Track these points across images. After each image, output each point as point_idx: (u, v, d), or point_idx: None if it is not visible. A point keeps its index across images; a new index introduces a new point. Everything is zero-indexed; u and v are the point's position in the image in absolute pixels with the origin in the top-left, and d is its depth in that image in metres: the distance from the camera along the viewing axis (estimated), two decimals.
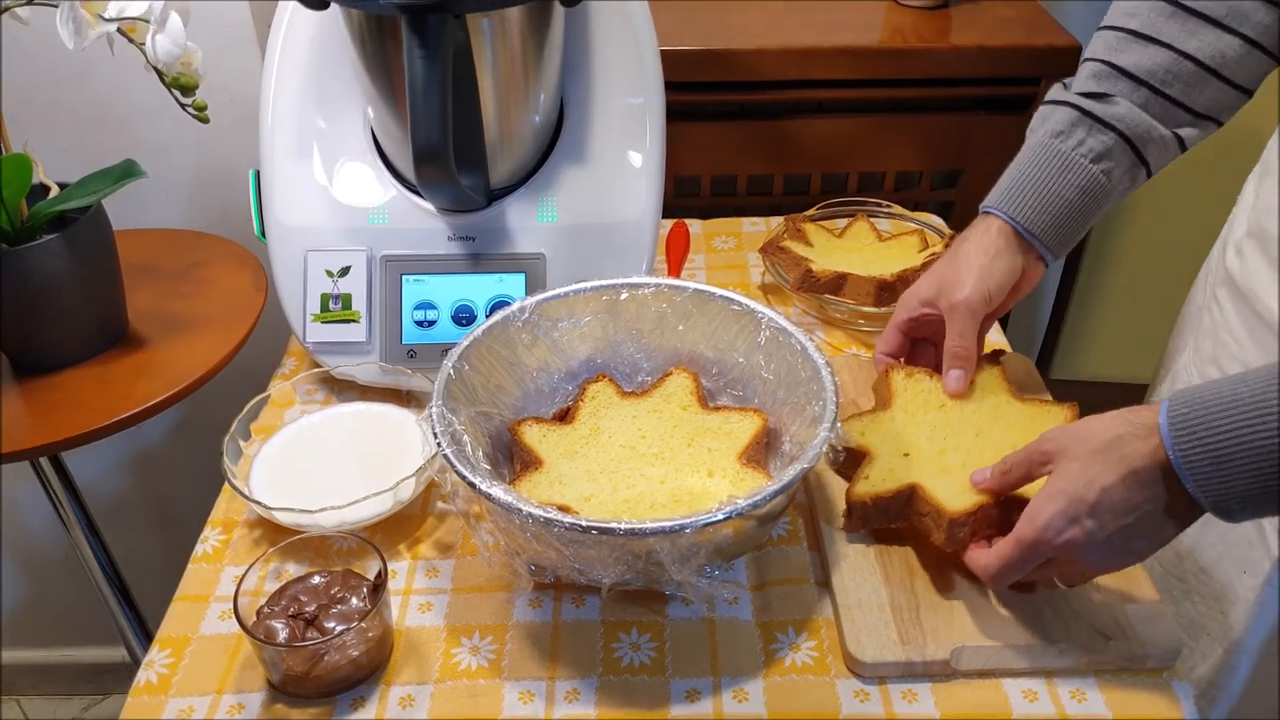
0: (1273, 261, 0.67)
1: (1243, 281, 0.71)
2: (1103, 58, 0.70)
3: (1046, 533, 0.56)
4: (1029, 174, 0.71)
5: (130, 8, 0.75)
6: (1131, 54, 0.68)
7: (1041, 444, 0.60)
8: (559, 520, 0.56)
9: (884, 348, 0.78)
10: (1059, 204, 0.70)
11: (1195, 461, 0.51)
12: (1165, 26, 0.67)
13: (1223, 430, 0.50)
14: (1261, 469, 0.49)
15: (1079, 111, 0.69)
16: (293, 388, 0.82)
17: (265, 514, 0.70)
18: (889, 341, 0.78)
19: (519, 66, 0.75)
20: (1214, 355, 0.74)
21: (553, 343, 0.74)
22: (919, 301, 0.75)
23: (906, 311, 0.76)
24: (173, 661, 0.64)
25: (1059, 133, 0.70)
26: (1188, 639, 0.76)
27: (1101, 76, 0.69)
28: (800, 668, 0.63)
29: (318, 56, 0.82)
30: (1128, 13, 0.70)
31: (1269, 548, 0.70)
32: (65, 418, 0.81)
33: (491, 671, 0.63)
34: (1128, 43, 0.69)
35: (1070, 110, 0.70)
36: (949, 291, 0.72)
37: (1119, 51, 0.69)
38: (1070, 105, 0.70)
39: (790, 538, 0.71)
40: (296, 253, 0.81)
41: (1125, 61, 0.68)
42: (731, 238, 1.07)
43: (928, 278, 0.75)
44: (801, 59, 1.12)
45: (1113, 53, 0.69)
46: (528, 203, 0.82)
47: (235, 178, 1.12)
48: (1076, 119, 0.69)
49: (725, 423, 0.72)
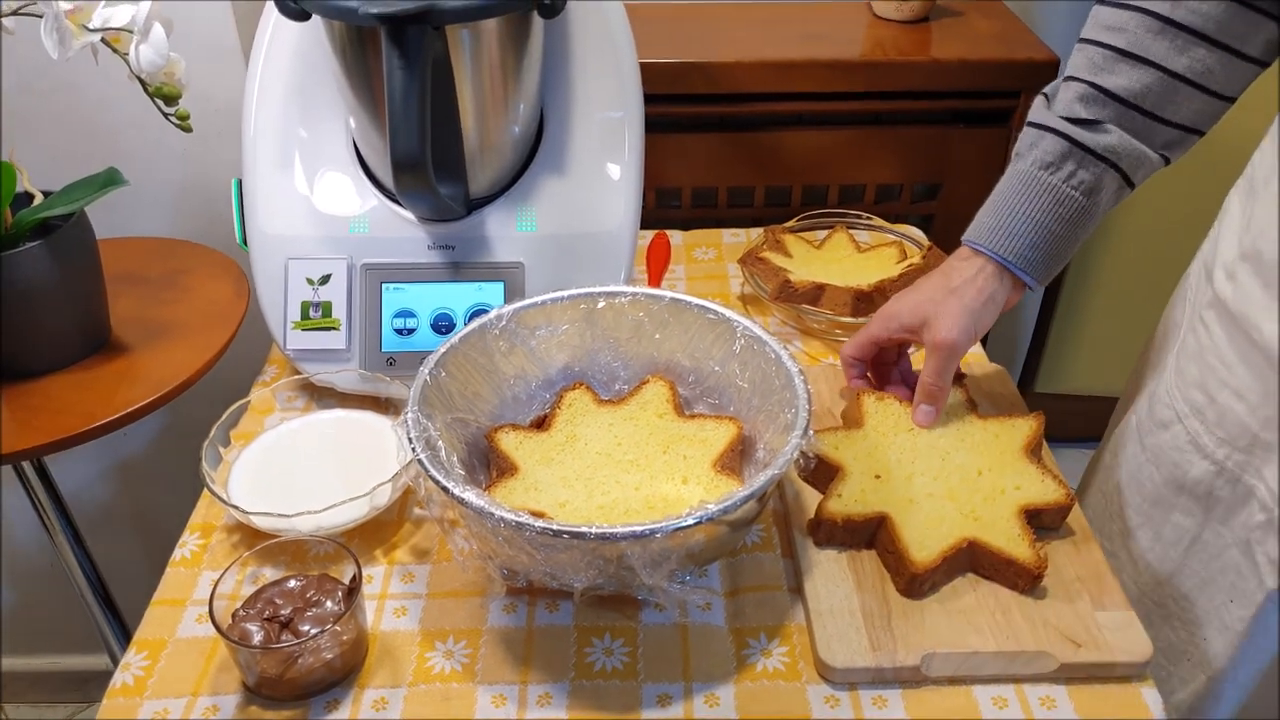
0: (1270, 286, 0.64)
1: (1235, 306, 0.67)
2: (1089, 79, 0.68)
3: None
4: (1018, 209, 0.70)
5: (114, 18, 0.75)
6: (1119, 75, 0.67)
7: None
8: (530, 524, 0.56)
9: (854, 352, 0.79)
10: (1049, 239, 0.70)
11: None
12: (1154, 45, 0.65)
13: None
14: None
15: (1069, 141, 0.68)
16: (273, 394, 0.83)
17: (242, 518, 0.70)
18: (861, 348, 0.79)
19: (498, 78, 0.76)
20: (1200, 380, 0.71)
21: (530, 351, 0.75)
22: (900, 325, 0.75)
23: (884, 330, 0.77)
24: (149, 664, 0.64)
25: (1048, 164, 0.69)
26: (1166, 663, 0.75)
27: (1089, 100, 0.68)
28: (772, 673, 0.63)
29: (300, 67, 0.82)
30: (1112, 26, 0.67)
31: (1261, 579, 0.68)
32: (47, 422, 0.81)
33: (465, 675, 0.63)
34: (1114, 62, 0.67)
35: (1059, 140, 0.68)
36: (935, 327, 0.72)
37: (1106, 72, 0.67)
38: (1059, 134, 0.68)
39: (764, 545, 0.72)
40: (278, 261, 0.82)
41: (1113, 84, 0.67)
42: (712, 249, 1.08)
43: (913, 304, 0.75)
44: (782, 72, 1.13)
45: (1099, 73, 0.67)
46: (507, 212, 0.82)
47: (218, 186, 1.12)
48: (1066, 150, 0.68)
49: (701, 430, 0.73)
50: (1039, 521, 0.69)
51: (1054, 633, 0.63)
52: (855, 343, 0.79)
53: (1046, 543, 0.69)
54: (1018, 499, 0.69)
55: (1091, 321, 1.66)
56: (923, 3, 1.22)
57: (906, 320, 0.75)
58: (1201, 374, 0.70)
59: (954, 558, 0.66)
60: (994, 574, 0.66)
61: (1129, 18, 0.66)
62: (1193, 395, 0.71)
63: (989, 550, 0.66)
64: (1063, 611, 0.64)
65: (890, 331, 0.76)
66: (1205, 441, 0.70)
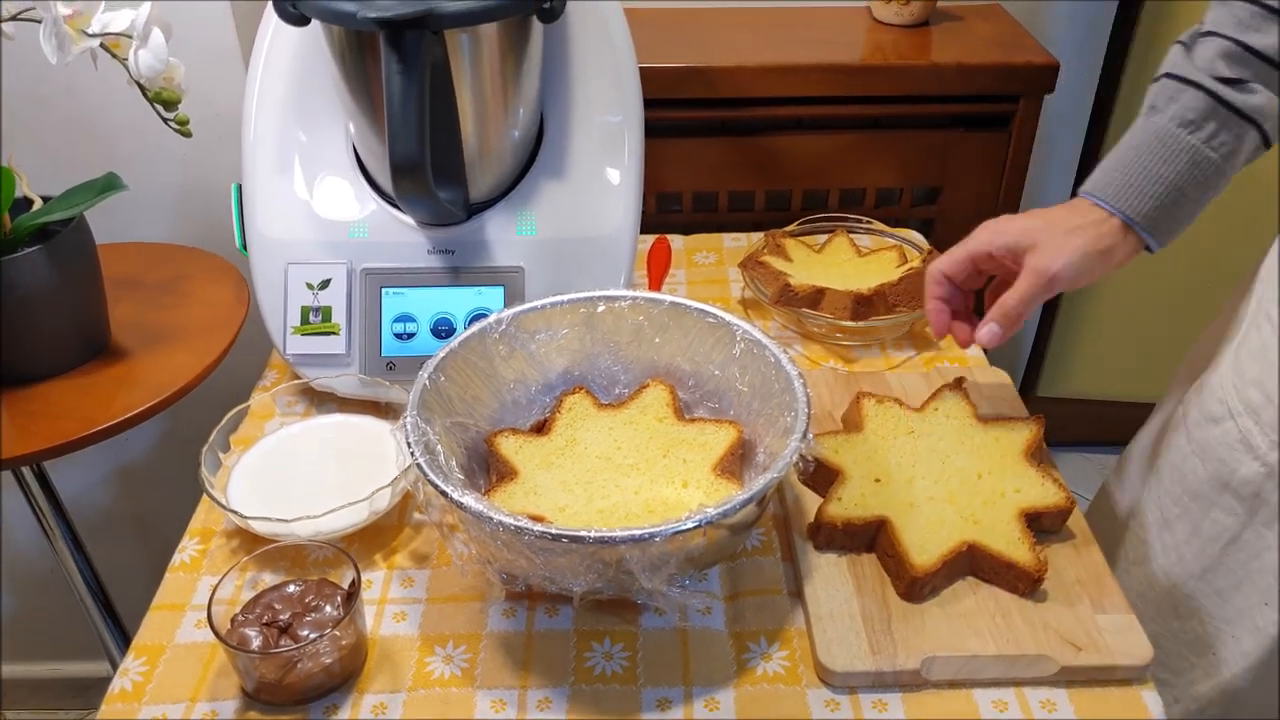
0: None
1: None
2: (1234, 35, 0.64)
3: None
4: (1151, 168, 0.66)
5: (113, 23, 0.76)
6: (1266, 34, 0.63)
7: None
8: (529, 528, 0.56)
9: (947, 268, 0.73)
10: (1181, 201, 0.66)
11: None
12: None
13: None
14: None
15: (1215, 100, 0.64)
16: (272, 399, 0.83)
17: (241, 523, 0.70)
18: (957, 264, 0.73)
19: (498, 82, 0.76)
20: (1260, 379, 0.69)
21: (530, 355, 0.75)
22: (1005, 244, 0.70)
23: (986, 246, 0.71)
24: (147, 669, 0.64)
25: (1189, 122, 0.65)
26: (1189, 654, 0.75)
27: (1233, 58, 0.64)
28: (771, 677, 0.63)
29: (300, 72, 0.83)
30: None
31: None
32: (47, 428, 0.81)
33: (464, 680, 0.63)
34: (1262, 20, 0.63)
35: (1204, 97, 0.64)
36: (1044, 252, 0.68)
37: (1252, 30, 0.64)
38: (1205, 90, 0.64)
39: (764, 549, 0.72)
40: (277, 266, 0.82)
41: (1260, 43, 0.63)
42: (712, 253, 1.08)
43: (1024, 227, 0.70)
44: (782, 76, 1.13)
45: (1245, 30, 0.64)
46: (507, 217, 0.83)
47: (218, 191, 1.13)
48: (1211, 108, 0.64)
49: (701, 434, 0.72)
50: (1039, 525, 0.69)
51: (1054, 636, 0.63)
52: (951, 258, 0.72)
53: (1046, 546, 0.69)
54: (1018, 502, 0.69)
55: (1093, 326, 1.66)
56: (923, 7, 1.22)
57: (1013, 239, 0.69)
58: (1262, 373, 0.69)
59: (954, 561, 0.65)
60: (994, 577, 0.66)
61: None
62: (1249, 394, 0.70)
63: (989, 554, 0.66)
64: (1063, 615, 0.64)
65: (993, 248, 0.70)
66: (1258, 442, 0.68)
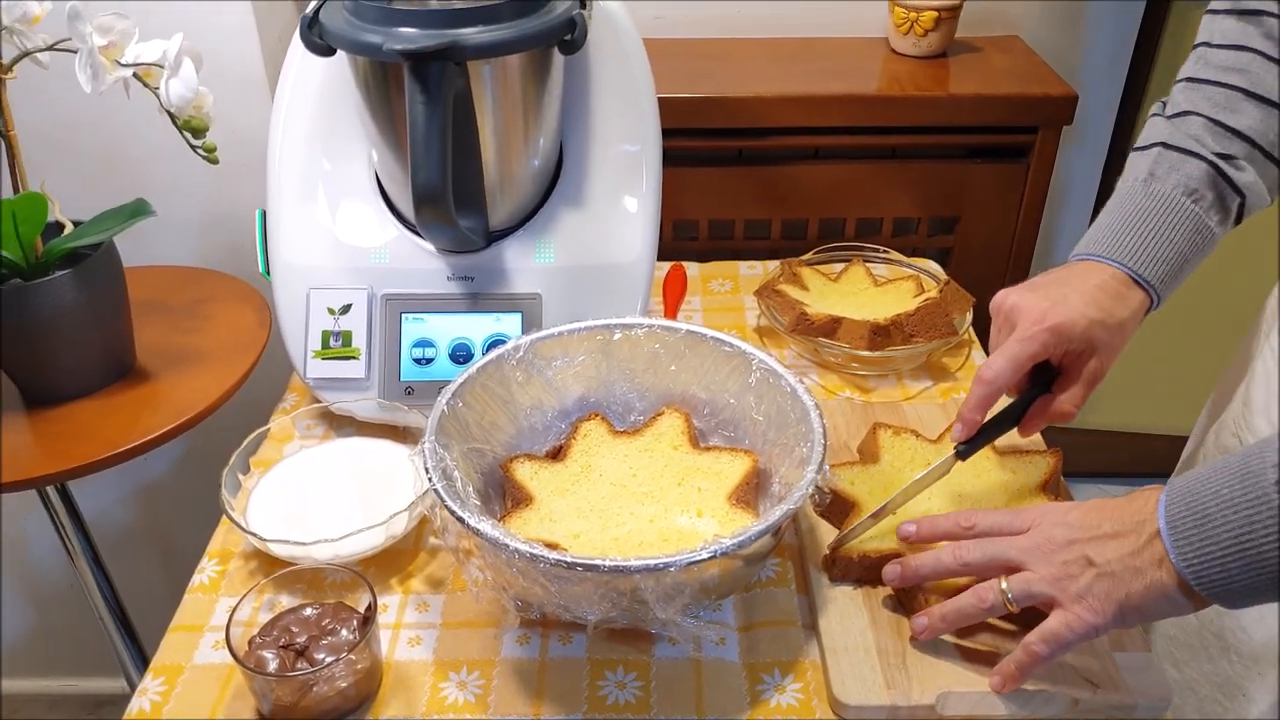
0: None
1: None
2: (1214, 116, 0.68)
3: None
4: (1163, 234, 0.67)
5: (145, 54, 0.77)
6: (1245, 115, 0.67)
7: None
8: (544, 556, 0.57)
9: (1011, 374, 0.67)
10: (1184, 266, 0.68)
11: (1204, 574, 0.53)
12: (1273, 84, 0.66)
13: (1228, 543, 0.52)
14: (1262, 566, 0.51)
15: (1216, 172, 0.67)
16: (292, 422, 0.84)
17: (260, 545, 0.71)
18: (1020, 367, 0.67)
19: (519, 112, 0.78)
20: (1265, 406, 0.70)
21: (546, 381, 0.76)
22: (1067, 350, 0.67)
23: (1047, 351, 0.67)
24: (165, 690, 0.65)
25: (1192, 191, 0.67)
26: (1222, 698, 0.74)
27: (1219, 137, 0.68)
28: (785, 710, 0.63)
29: (325, 101, 0.84)
30: (1231, 67, 0.68)
31: None
32: (72, 448, 0.82)
33: (478, 707, 0.63)
34: (1239, 101, 0.67)
35: (1206, 168, 0.67)
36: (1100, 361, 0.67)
37: (1231, 111, 0.67)
38: (1208, 163, 0.67)
39: (779, 580, 0.72)
40: (299, 290, 0.83)
41: (1240, 124, 0.67)
42: (728, 280, 1.08)
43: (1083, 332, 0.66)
44: (800, 106, 1.14)
45: (1223, 112, 0.68)
46: (526, 244, 0.83)
47: (242, 217, 1.14)
48: (1212, 179, 0.67)
49: (716, 463, 0.73)
50: None
51: (1071, 673, 0.63)
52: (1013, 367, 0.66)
53: None
54: None
55: None
56: (940, 38, 1.23)
57: (1078, 346, 0.67)
58: (1267, 401, 0.69)
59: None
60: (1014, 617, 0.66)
61: (1249, 59, 0.67)
62: (1257, 422, 0.70)
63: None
64: (1081, 652, 0.64)
65: (1054, 352, 0.67)
66: None
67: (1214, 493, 0.53)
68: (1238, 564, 0.52)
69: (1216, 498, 0.53)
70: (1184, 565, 0.53)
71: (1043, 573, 0.58)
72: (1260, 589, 0.52)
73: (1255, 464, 0.52)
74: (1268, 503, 0.51)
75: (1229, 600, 0.54)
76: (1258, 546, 0.51)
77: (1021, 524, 0.61)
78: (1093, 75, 1.36)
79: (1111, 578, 0.56)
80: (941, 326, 0.92)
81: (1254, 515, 0.51)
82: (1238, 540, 0.52)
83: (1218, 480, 0.53)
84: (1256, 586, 0.52)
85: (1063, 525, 0.59)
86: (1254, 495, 0.51)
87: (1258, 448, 0.53)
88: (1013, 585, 0.59)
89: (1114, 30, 1.34)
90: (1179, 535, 0.54)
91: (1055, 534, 0.59)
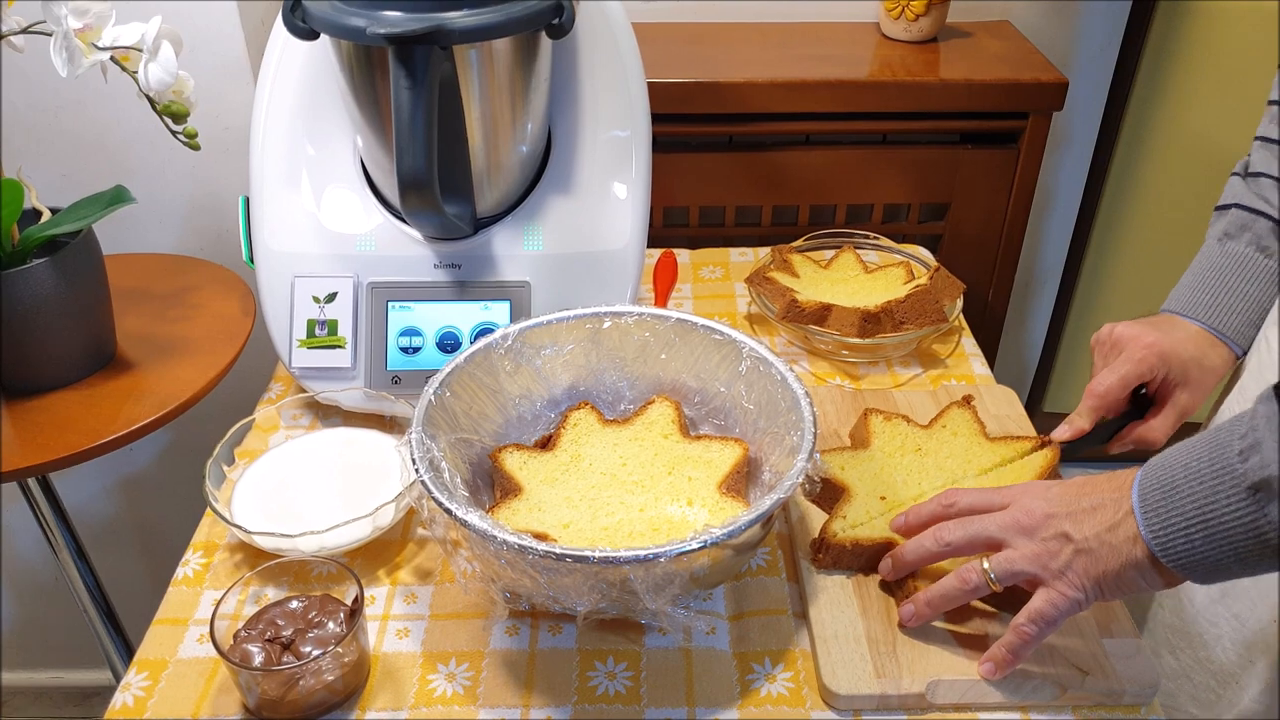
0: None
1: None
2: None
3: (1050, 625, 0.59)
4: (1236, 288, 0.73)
5: (123, 37, 0.76)
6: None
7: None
8: (533, 547, 0.56)
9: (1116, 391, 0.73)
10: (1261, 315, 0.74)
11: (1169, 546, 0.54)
12: None
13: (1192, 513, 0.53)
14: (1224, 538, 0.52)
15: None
16: (277, 412, 0.83)
17: (245, 538, 0.70)
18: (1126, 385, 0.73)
19: (506, 98, 0.76)
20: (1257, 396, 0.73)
21: (535, 370, 0.75)
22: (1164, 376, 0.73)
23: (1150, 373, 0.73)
24: (149, 684, 0.64)
25: (1264, 247, 0.73)
26: (1216, 686, 0.74)
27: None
28: (775, 699, 0.63)
29: (308, 85, 0.83)
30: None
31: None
32: (53, 439, 0.81)
33: (467, 698, 0.63)
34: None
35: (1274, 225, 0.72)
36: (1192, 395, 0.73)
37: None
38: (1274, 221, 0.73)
39: (769, 568, 0.72)
40: (284, 278, 0.82)
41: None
42: (719, 267, 1.07)
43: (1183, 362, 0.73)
44: (790, 92, 1.13)
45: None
46: (514, 231, 0.83)
47: (226, 204, 1.13)
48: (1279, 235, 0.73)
49: (706, 452, 0.72)
50: None
51: (1060, 660, 0.63)
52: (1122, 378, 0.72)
53: None
54: None
55: None
56: (932, 23, 1.22)
57: (1175, 374, 0.72)
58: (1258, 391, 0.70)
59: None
60: (1001, 600, 0.66)
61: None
62: None
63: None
64: (1069, 638, 0.64)
65: (1157, 374, 0.73)
66: None
67: (1183, 465, 0.54)
68: (1200, 534, 0.52)
69: (1185, 470, 0.53)
70: (1150, 537, 0.54)
71: (1024, 550, 0.59)
72: (1224, 563, 0.53)
73: (1224, 436, 0.53)
74: (1231, 473, 0.51)
75: (1197, 574, 0.54)
76: (1219, 517, 0.51)
77: (1001, 500, 0.62)
78: (1083, 61, 1.36)
79: (1089, 554, 0.57)
80: (932, 313, 0.92)
81: (1217, 485, 0.51)
82: (1201, 511, 0.52)
83: (1188, 454, 0.54)
84: (1220, 561, 0.52)
85: (1042, 499, 0.59)
86: (1219, 466, 0.52)
87: (1229, 422, 0.53)
88: (995, 564, 0.60)
89: (1105, 16, 1.33)
90: (1148, 507, 0.55)
91: (1034, 507, 0.59)
